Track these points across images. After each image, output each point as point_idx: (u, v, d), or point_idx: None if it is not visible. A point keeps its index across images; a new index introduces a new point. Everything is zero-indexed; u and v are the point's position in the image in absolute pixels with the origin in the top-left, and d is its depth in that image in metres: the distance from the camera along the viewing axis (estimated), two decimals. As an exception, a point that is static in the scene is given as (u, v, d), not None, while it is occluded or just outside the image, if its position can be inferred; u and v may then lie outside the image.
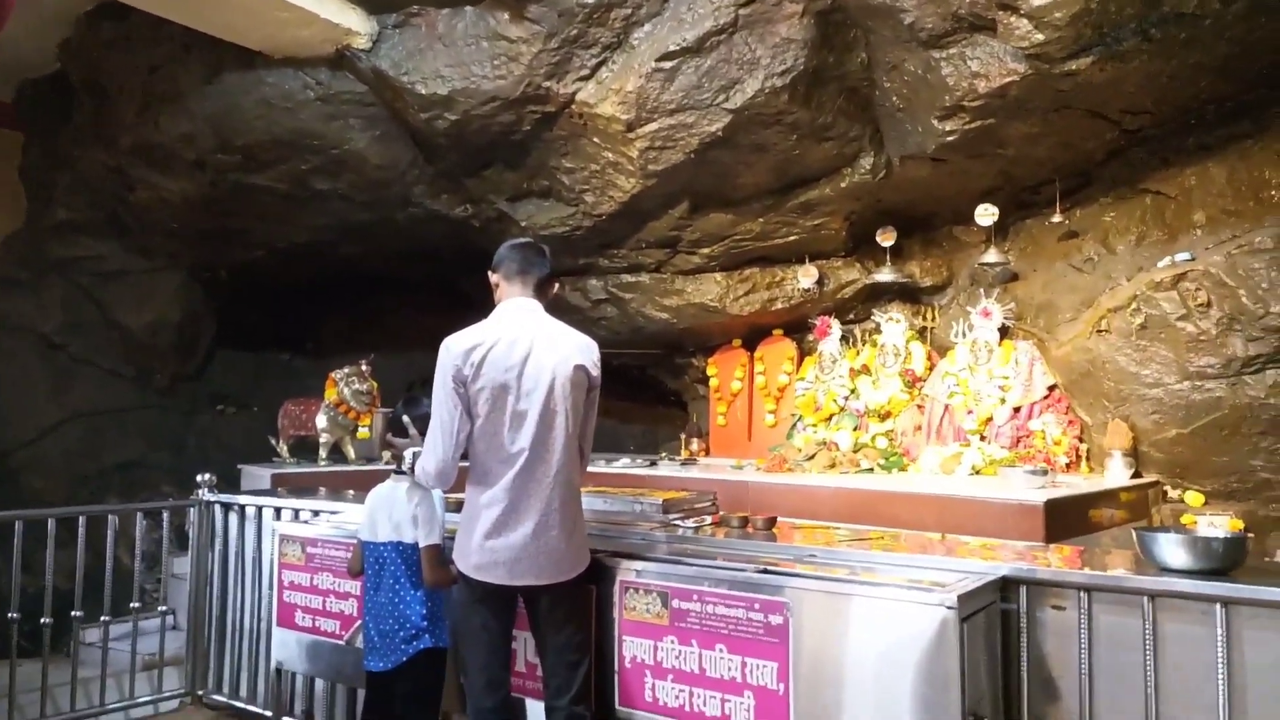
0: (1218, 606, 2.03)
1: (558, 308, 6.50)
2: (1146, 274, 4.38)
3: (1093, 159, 4.66)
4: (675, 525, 2.89)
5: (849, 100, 4.42)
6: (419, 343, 8.93)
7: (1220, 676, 2.02)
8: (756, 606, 2.19)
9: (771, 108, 4.23)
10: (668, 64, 4.14)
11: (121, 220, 6.09)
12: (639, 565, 2.42)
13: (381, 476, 2.90)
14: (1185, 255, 4.24)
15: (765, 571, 2.25)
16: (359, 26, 4.30)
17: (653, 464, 5.61)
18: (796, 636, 2.15)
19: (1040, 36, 3.59)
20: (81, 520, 3.96)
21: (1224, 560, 2.12)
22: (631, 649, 2.40)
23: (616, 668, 2.42)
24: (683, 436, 6.48)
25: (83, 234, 6.21)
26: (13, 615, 3.71)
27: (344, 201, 5.56)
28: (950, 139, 4.26)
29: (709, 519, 2.99)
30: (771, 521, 2.81)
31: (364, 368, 5.86)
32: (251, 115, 4.75)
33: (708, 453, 6.31)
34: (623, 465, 5.45)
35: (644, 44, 4.19)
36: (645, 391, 7.95)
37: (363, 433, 5.90)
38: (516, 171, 5.26)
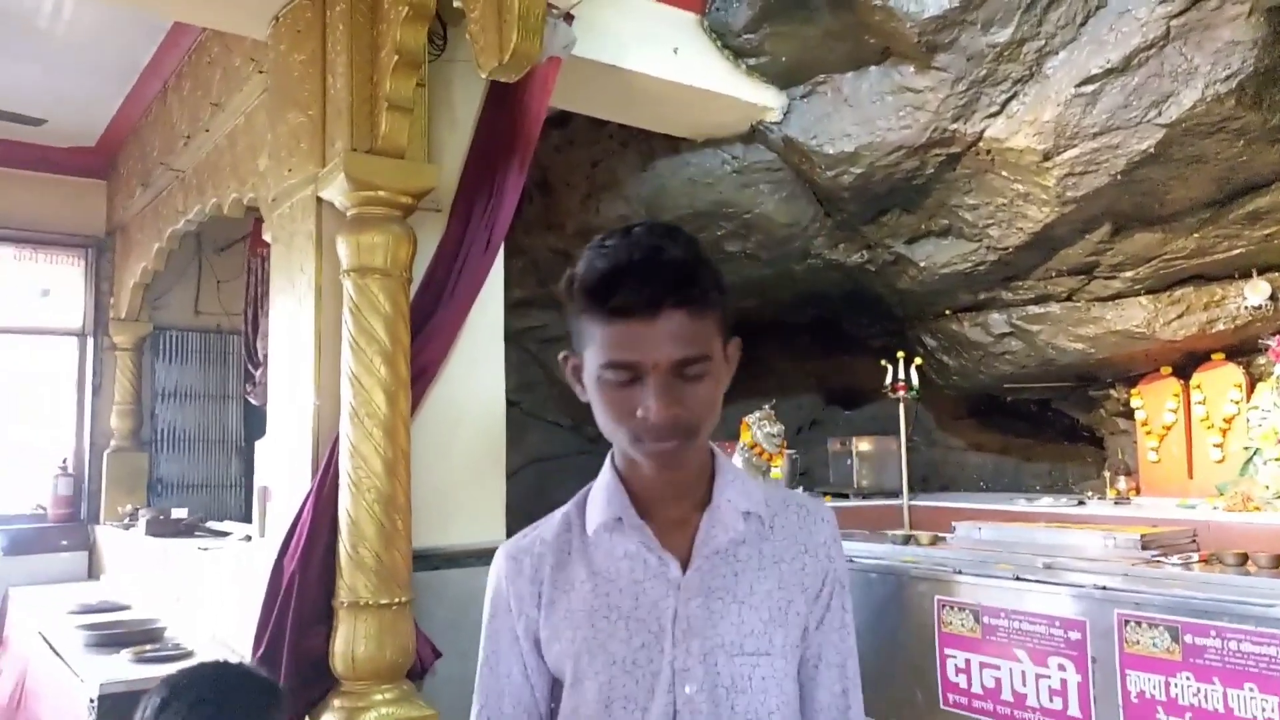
0: None
1: (956, 343, 6.55)
2: None
3: None
4: (1158, 561, 2.78)
5: (1309, 94, 3.97)
6: (803, 387, 9.34)
7: None
8: (1297, 645, 2.06)
9: (1213, 116, 3.94)
10: (1089, 88, 4.03)
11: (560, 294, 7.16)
12: (1139, 599, 2.39)
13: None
14: None
15: (1301, 609, 2.11)
16: (772, 102, 4.73)
17: (1080, 503, 5.32)
18: (1349, 681, 1.99)
19: None
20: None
21: None
22: (1138, 684, 2.36)
23: (1121, 701, 2.39)
24: (1106, 474, 6.04)
25: (531, 308, 7.38)
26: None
27: (750, 260, 6.05)
28: None
29: (1195, 556, 2.83)
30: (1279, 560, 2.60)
31: (770, 413, 6.26)
32: (678, 193, 5.40)
33: (1138, 491, 5.81)
34: (1047, 504, 5.24)
35: (1059, 72, 4.13)
36: (1048, 427, 7.52)
37: (775, 473, 6.29)
38: (914, 214, 5.38)
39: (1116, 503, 5.37)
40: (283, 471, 3.35)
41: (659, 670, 1.03)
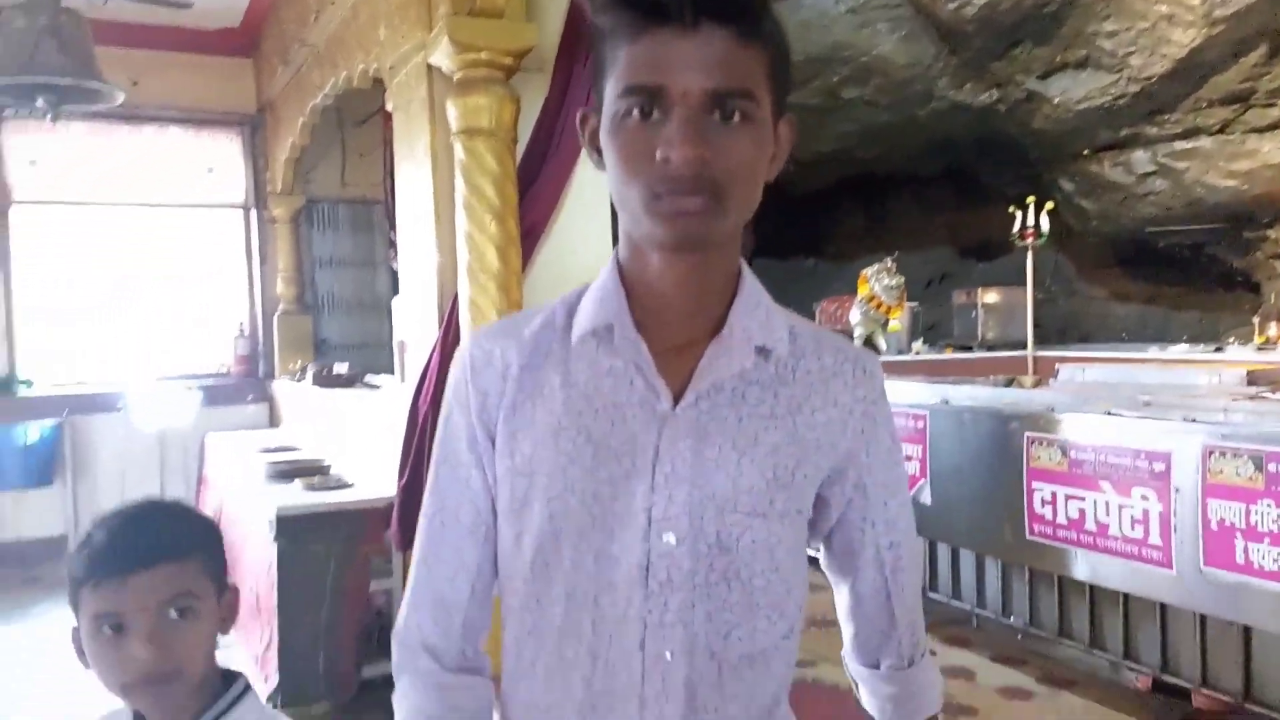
0: None
1: (1096, 185, 6.20)
2: None
3: None
4: (1264, 397, 2.72)
5: None
6: (933, 240, 9.08)
7: None
8: (1380, 472, 2.04)
9: (1394, -92, 3.47)
10: (1243, -113, 3.63)
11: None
12: (1226, 430, 2.39)
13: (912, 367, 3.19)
14: None
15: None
16: (887, -69, 4.48)
17: (1218, 349, 5.08)
18: None
19: None
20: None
21: None
22: (1219, 512, 2.39)
23: (1200, 529, 2.43)
24: (1257, 320, 5.69)
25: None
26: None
27: (868, 107, 5.87)
28: None
29: (1307, 392, 2.75)
30: (1396, 394, 2.50)
31: (890, 264, 6.20)
32: (791, 37, 5.21)
33: (1291, 337, 5.47)
34: (1181, 351, 5.03)
35: None
36: (1200, 273, 7.07)
37: (894, 325, 6.28)
38: (1048, 45, 5.04)
39: (1260, 348, 5.08)
40: (415, 326, 3.70)
41: (624, 512, 0.87)
